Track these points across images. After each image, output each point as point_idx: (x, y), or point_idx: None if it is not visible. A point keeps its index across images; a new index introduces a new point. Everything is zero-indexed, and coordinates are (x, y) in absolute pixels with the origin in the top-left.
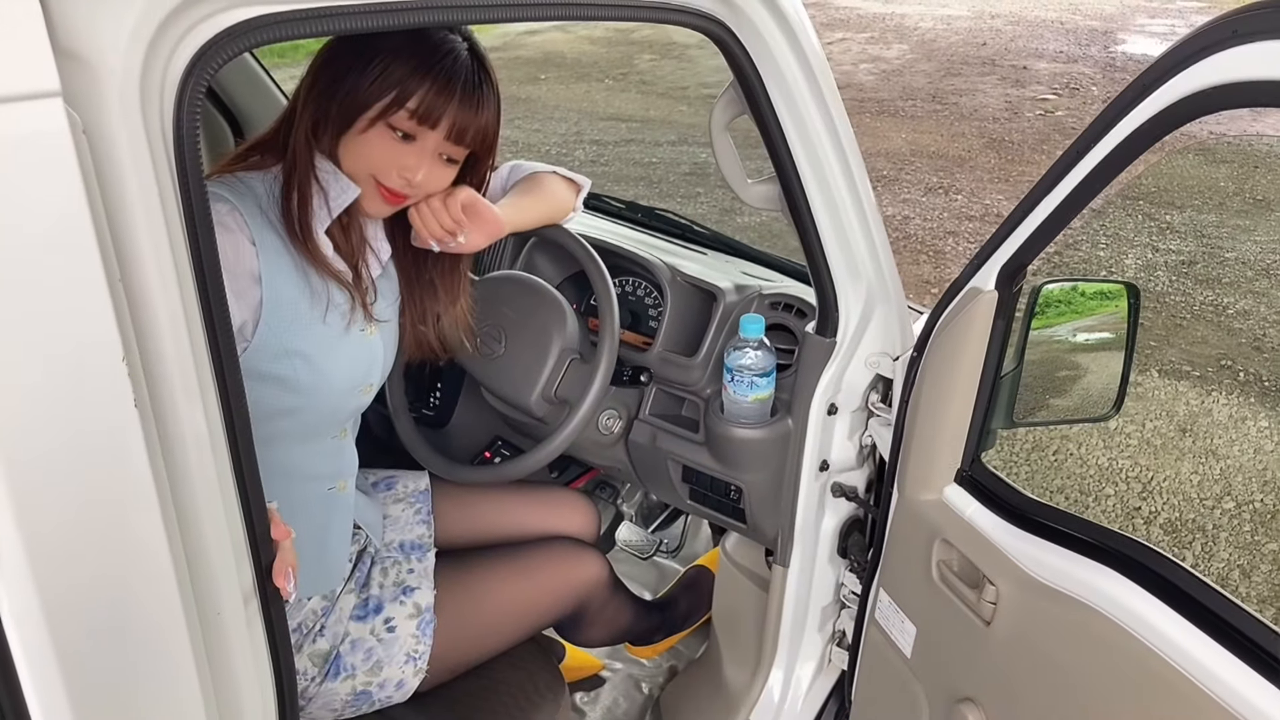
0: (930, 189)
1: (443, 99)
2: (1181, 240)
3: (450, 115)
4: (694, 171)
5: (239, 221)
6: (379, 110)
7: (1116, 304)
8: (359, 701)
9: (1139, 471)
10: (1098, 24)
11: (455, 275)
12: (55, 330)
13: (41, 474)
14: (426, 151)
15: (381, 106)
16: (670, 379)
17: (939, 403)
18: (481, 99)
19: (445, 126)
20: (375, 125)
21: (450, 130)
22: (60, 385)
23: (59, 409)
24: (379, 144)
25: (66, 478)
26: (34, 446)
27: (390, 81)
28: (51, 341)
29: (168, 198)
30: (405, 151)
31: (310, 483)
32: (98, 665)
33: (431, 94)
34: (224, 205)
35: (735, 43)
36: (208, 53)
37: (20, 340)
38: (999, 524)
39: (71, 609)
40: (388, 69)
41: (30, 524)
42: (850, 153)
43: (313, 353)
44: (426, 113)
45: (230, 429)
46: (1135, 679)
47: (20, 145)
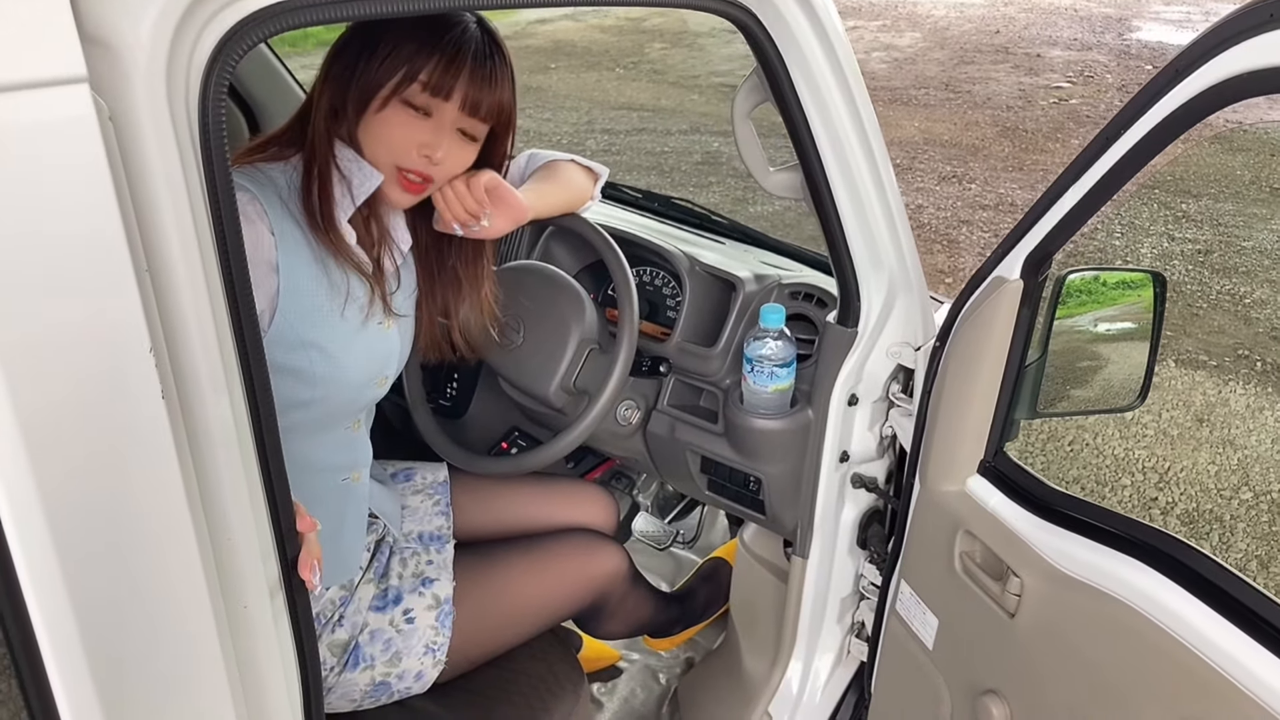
0: (944, 178)
1: (453, 70)
2: (1198, 229)
3: (463, 86)
4: (706, 160)
5: (259, 211)
6: (392, 88)
7: (1141, 293)
8: (378, 692)
9: (1155, 462)
10: (1112, 11)
11: (479, 262)
12: (83, 321)
13: (69, 469)
14: (444, 127)
15: (394, 84)
16: (689, 369)
17: (962, 393)
18: (494, 70)
19: (459, 97)
20: (390, 103)
21: (464, 101)
22: (88, 378)
23: (87, 402)
24: (397, 122)
25: (94, 473)
26: (62, 440)
27: (400, 58)
28: (79, 332)
29: (193, 186)
30: (422, 128)
31: (324, 474)
32: (127, 660)
33: (442, 66)
34: (244, 194)
35: (760, 28)
36: (233, 38)
37: (48, 331)
38: (1023, 515)
39: (101, 604)
40: (397, 47)
41: (59, 519)
42: (874, 140)
43: (329, 345)
44: (439, 84)
45: (256, 421)
46: (1165, 672)
47: (48, 132)
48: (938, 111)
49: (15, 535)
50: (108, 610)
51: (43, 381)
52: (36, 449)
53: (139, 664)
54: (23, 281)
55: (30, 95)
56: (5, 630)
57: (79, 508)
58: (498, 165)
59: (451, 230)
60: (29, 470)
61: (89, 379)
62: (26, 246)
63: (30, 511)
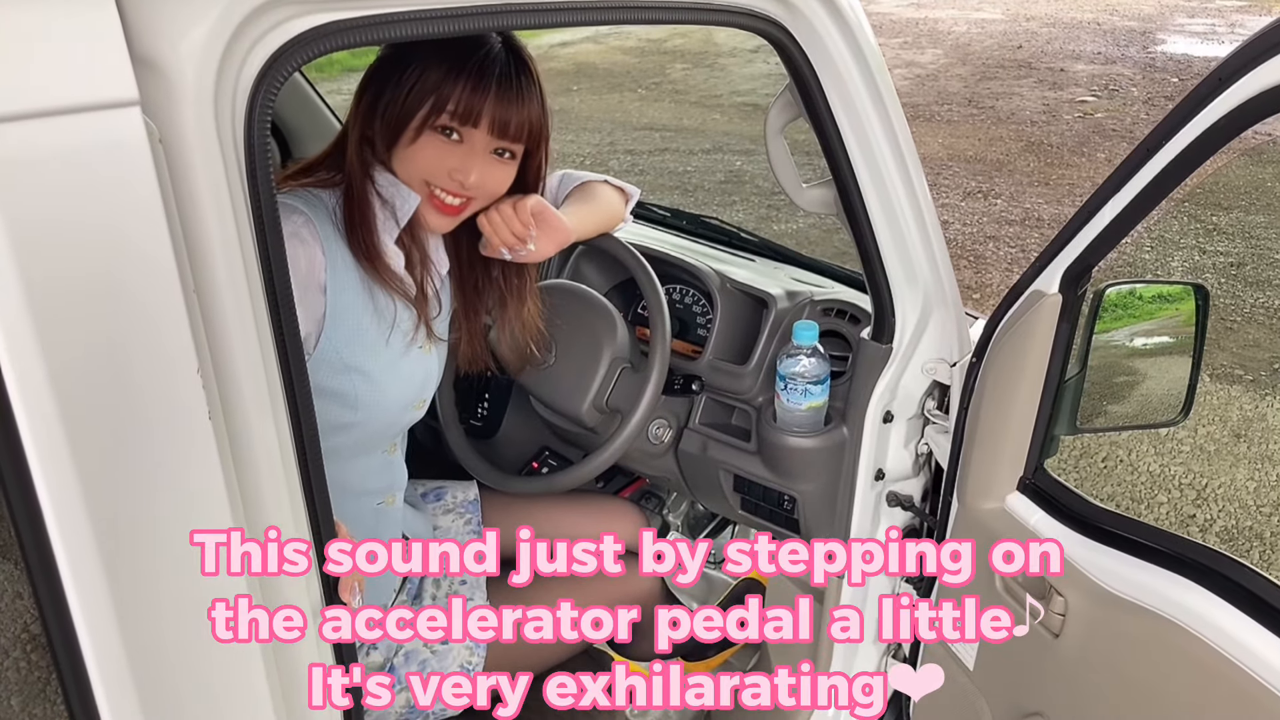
0: (969, 193)
1: (479, 95)
2: (1230, 242)
3: (490, 109)
4: (729, 180)
5: (314, 233)
6: (421, 119)
7: (1180, 306)
8: (413, 714)
9: (1193, 478)
10: (1135, 24)
11: (522, 281)
12: (132, 340)
13: (117, 490)
14: (475, 152)
15: (423, 115)
16: (721, 387)
17: (1001, 409)
18: (521, 91)
19: (487, 121)
20: (422, 133)
21: (493, 125)
22: (137, 397)
23: (136, 421)
24: (429, 148)
25: (142, 495)
26: (109, 460)
27: (427, 88)
28: (129, 352)
29: (239, 206)
30: (454, 153)
31: (361, 498)
32: (175, 681)
33: (467, 93)
34: (299, 217)
35: (793, 44)
36: (278, 60)
37: (98, 350)
38: (1066, 533)
39: (146, 623)
40: (423, 76)
41: (105, 534)
42: (908, 155)
43: (372, 369)
44: (466, 112)
45: (299, 442)
46: (1219, 695)
47: (102, 154)
48: (961, 128)
49: (63, 550)
50: (153, 630)
51: (93, 399)
52: (85, 467)
53: (187, 684)
54: (74, 301)
55: (85, 118)
56: (55, 653)
57: (127, 526)
58: (533, 181)
59: (499, 255)
60: (78, 488)
61: (138, 398)
62: (79, 267)
63: (80, 529)
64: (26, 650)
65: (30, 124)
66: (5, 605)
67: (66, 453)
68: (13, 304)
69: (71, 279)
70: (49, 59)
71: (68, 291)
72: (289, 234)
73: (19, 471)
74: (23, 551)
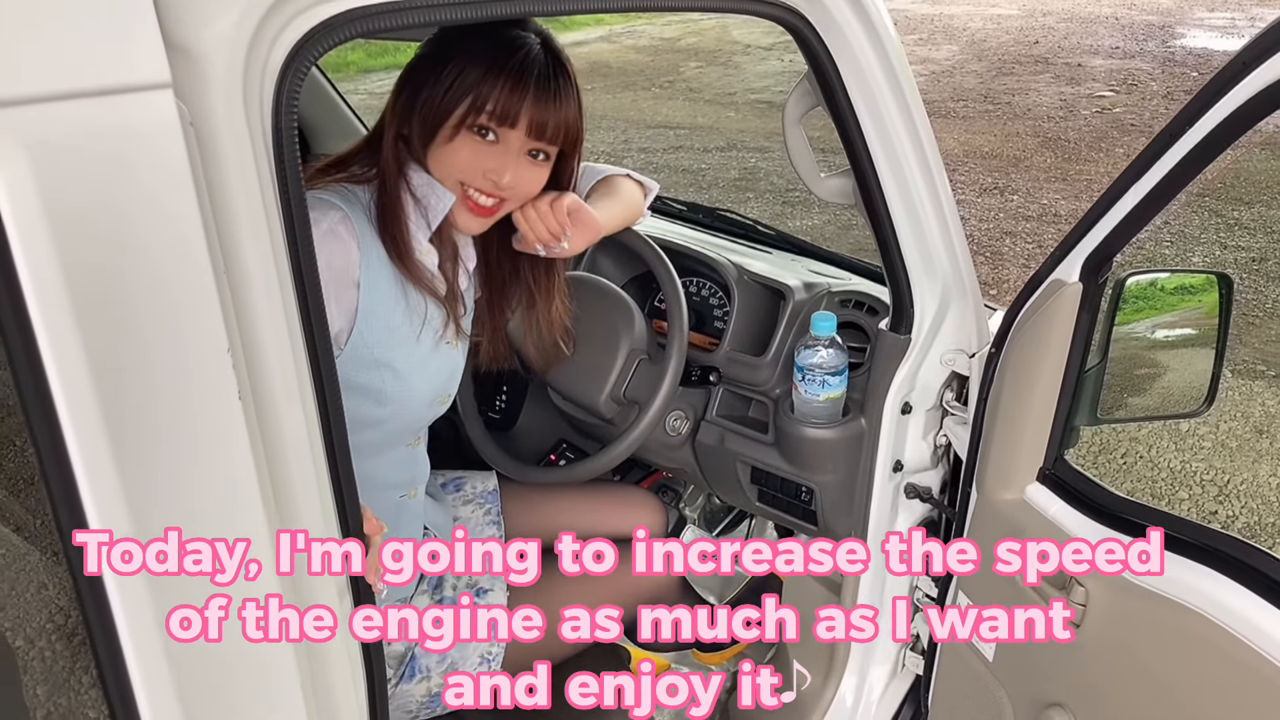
0: (985, 189)
1: (517, 96)
2: (1251, 236)
3: (527, 112)
4: (743, 177)
5: (350, 229)
6: (459, 118)
7: (1204, 296)
8: (434, 703)
9: (1214, 474)
10: (1154, 18)
11: (550, 279)
12: (164, 319)
13: (147, 464)
14: (511, 152)
15: (460, 114)
16: (738, 379)
17: (1020, 399)
18: (558, 92)
19: (524, 124)
20: (459, 133)
21: (530, 127)
22: (167, 375)
23: (166, 399)
24: (465, 148)
25: (173, 473)
26: (141, 436)
27: (465, 87)
28: (160, 331)
29: (267, 190)
30: (489, 153)
31: (384, 491)
32: (203, 666)
33: (505, 93)
34: (336, 213)
35: (813, 34)
36: (306, 45)
37: (130, 328)
38: (1086, 523)
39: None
40: (462, 74)
41: (139, 509)
42: (928, 145)
43: (402, 366)
44: (504, 113)
45: (326, 427)
46: (1244, 686)
47: (135, 137)
48: (977, 124)
49: (97, 520)
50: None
51: (125, 378)
52: (118, 442)
53: (214, 667)
54: (107, 280)
55: (118, 100)
56: (95, 647)
57: (159, 502)
58: (566, 182)
59: (533, 250)
60: (112, 462)
61: (169, 376)
62: (113, 246)
63: (114, 501)
64: (52, 640)
65: (65, 105)
66: (32, 595)
67: (101, 426)
68: (51, 280)
69: (105, 257)
70: (84, 41)
71: (101, 269)
72: (325, 230)
73: (58, 451)
74: (61, 538)
